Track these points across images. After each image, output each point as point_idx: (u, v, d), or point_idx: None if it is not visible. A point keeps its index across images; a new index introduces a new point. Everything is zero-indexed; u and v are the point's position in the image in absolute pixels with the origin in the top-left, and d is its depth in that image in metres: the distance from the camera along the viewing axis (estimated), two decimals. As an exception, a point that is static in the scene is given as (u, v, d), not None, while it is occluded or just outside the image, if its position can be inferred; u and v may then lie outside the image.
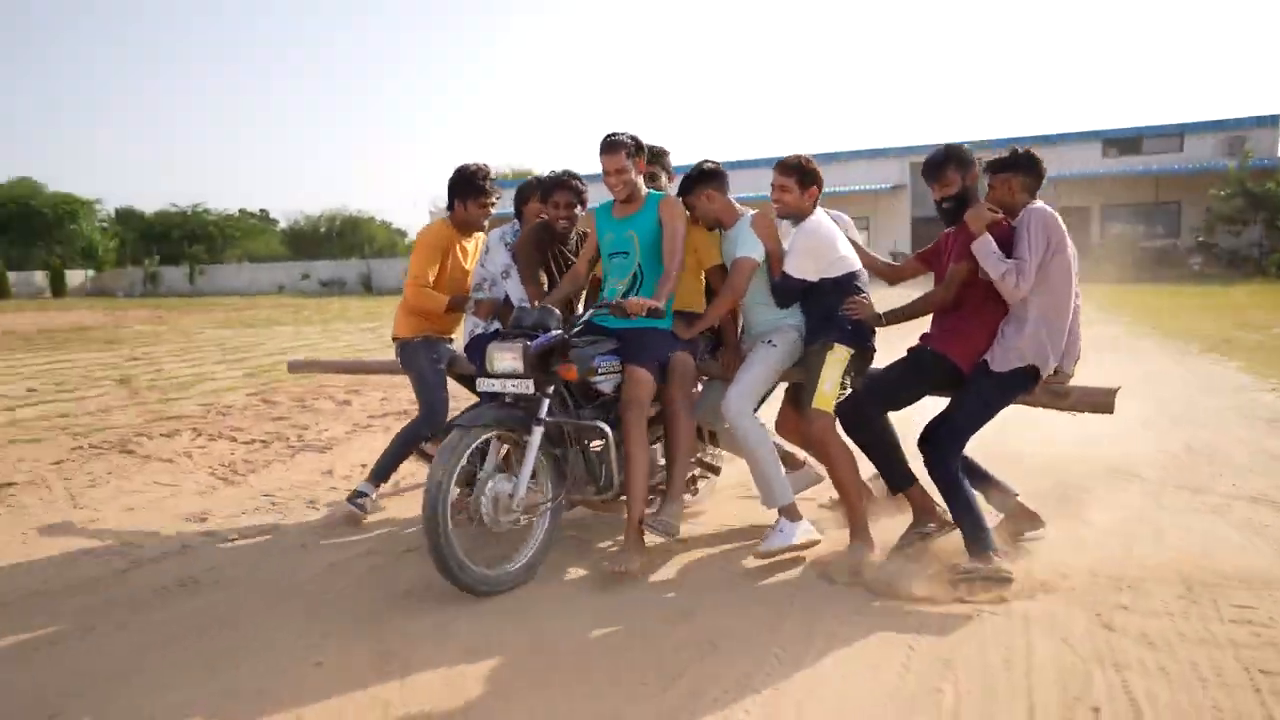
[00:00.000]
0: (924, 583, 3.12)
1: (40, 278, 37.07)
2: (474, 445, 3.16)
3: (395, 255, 42.20)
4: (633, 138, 3.61)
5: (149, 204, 50.99)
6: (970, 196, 3.52)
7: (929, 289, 3.63)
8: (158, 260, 42.30)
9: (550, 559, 3.44)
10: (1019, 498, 3.63)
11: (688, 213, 3.75)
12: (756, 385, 3.62)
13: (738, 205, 3.83)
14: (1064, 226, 3.36)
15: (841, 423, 3.53)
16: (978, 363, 3.42)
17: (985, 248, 3.33)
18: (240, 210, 53.49)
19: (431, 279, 4.17)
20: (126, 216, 48.16)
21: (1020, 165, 3.42)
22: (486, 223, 4.37)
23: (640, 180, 3.67)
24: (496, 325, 4.12)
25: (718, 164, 3.81)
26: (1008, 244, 3.36)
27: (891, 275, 3.92)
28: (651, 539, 3.53)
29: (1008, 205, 3.43)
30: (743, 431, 3.55)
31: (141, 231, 46.01)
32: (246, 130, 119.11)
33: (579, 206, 4.01)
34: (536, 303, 3.75)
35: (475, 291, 4.25)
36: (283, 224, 51.95)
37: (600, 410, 3.55)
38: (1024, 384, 3.39)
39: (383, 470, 4.31)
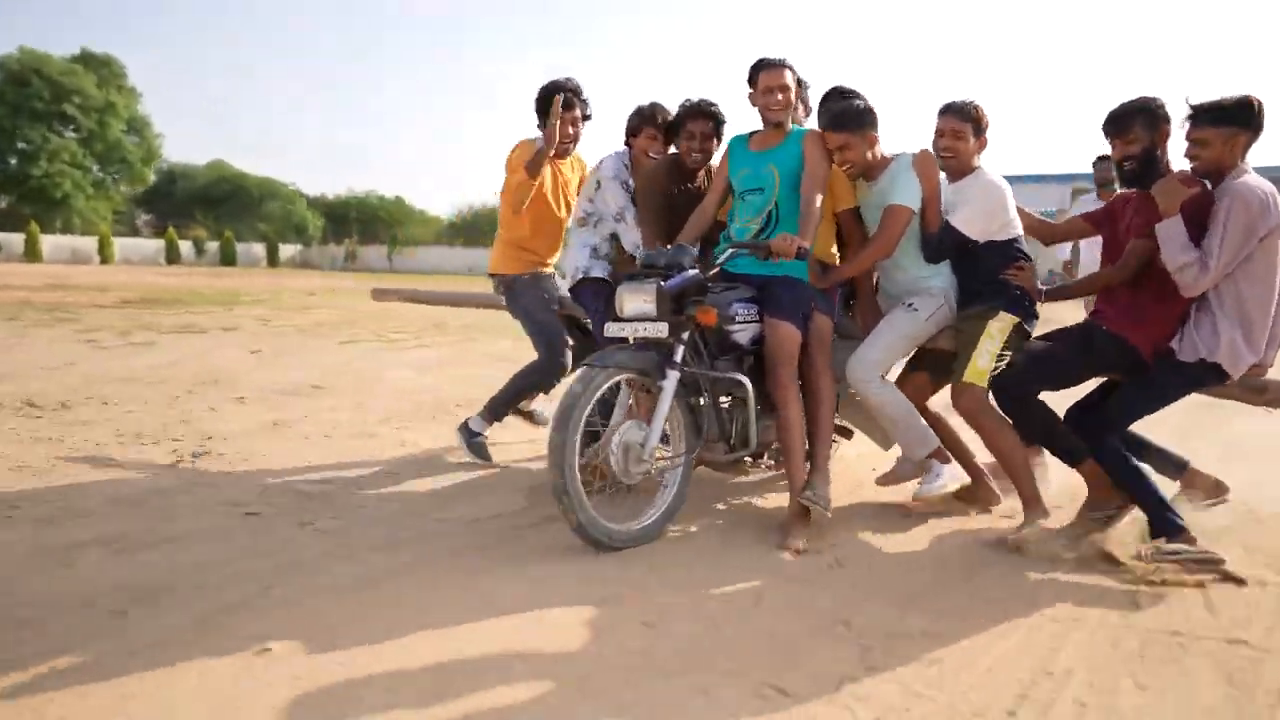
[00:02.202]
0: (1110, 555, 2.89)
1: (258, 249, 41.19)
2: (604, 389, 3.01)
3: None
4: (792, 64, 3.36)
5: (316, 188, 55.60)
6: (1157, 158, 3.04)
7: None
8: (356, 240, 46.07)
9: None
10: (1192, 464, 3.24)
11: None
12: (889, 351, 3.36)
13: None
14: (1278, 204, 2.79)
15: (998, 398, 3.19)
16: (1162, 350, 3.00)
17: (1170, 231, 2.85)
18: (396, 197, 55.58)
19: (525, 200, 3.92)
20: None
21: (1250, 121, 2.81)
22: (576, 146, 4.10)
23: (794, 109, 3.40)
24: (606, 268, 3.92)
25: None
26: (1204, 214, 2.86)
27: (1048, 234, 3.54)
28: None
29: (1219, 168, 2.87)
30: (872, 398, 3.32)
31: (324, 213, 50.04)
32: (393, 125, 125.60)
33: (717, 139, 3.65)
34: (660, 245, 3.51)
35: (579, 226, 3.99)
36: (449, 213, 55.17)
37: (735, 363, 3.34)
38: (1212, 378, 2.97)
39: (497, 409, 4.14)
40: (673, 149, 3.85)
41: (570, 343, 4.11)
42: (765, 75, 3.32)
